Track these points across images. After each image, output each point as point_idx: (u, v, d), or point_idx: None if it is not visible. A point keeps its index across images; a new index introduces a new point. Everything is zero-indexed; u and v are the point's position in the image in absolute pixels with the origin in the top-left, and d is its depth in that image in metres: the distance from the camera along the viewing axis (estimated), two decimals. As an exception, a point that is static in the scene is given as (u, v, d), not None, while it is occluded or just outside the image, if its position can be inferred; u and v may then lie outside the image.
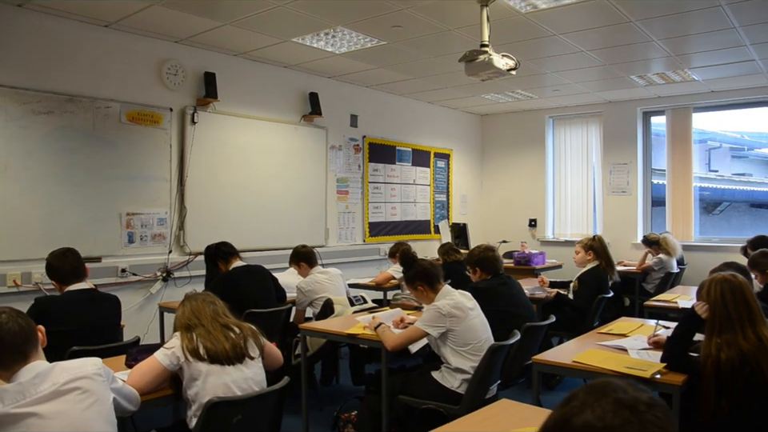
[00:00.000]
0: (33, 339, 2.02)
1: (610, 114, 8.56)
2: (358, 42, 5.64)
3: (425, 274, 3.55)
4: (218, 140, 5.94)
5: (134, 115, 5.34)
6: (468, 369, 3.31)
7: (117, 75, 5.24)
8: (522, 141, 9.41)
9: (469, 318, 3.39)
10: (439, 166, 8.85)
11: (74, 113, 4.97)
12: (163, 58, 5.54)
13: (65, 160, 4.93)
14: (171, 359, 2.50)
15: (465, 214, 9.30)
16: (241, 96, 6.17)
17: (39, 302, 3.38)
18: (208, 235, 5.68)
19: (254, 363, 2.59)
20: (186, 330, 2.57)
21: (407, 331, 3.43)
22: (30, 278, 4.73)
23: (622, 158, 8.46)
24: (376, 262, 7.61)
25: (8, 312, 2.00)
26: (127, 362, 2.88)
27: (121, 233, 5.27)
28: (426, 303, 3.60)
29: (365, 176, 7.64)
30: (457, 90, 7.76)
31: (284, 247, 6.38)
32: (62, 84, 4.91)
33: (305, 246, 5.16)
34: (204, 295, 2.77)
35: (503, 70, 4.55)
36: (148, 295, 5.42)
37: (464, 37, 5.43)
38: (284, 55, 6.13)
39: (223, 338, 2.54)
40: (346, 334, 3.69)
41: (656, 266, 7.07)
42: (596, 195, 8.80)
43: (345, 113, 7.37)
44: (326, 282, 4.88)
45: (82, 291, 3.47)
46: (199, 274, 5.66)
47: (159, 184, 5.53)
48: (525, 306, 4.14)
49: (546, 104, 8.79)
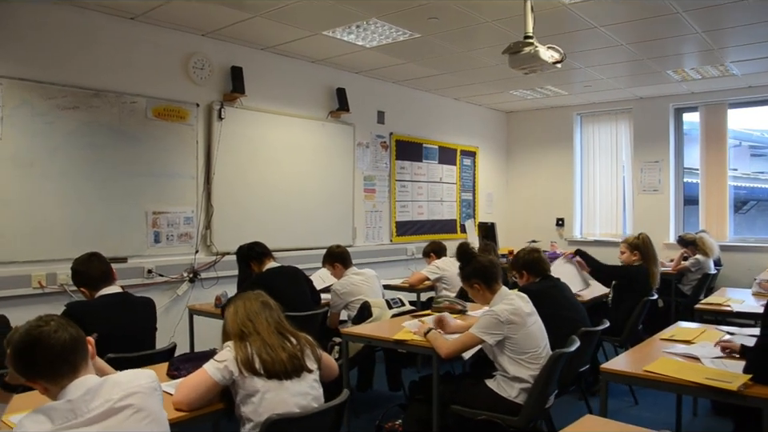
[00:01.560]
0: (82, 350, 1.83)
1: (641, 111, 8.33)
2: (390, 35, 5.45)
3: (483, 271, 3.35)
4: (244, 136, 5.75)
5: (159, 110, 5.16)
6: (527, 378, 3.11)
7: (143, 69, 5.07)
8: (548, 138, 9.19)
9: (527, 324, 3.18)
10: (465, 163, 8.65)
11: (99, 108, 4.80)
12: (190, 51, 5.36)
13: (90, 156, 4.76)
14: (223, 373, 2.28)
15: (490, 212, 9.09)
16: (268, 91, 5.99)
17: (72, 308, 3.18)
18: (235, 235, 5.53)
19: (311, 376, 2.39)
20: (240, 338, 2.35)
21: (462, 338, 3.22)
22: (56, 279, 4.56)
23: (653, 156, 8.22)
24: (403, 263, 7.41)
25: (56, 320, 1.81)
26: (169, 372, 2.70)
27: (147, 232, 5.10)
28: (481, 303, 3.41)
29: (392, 174, 7.45)
30: (485, 85, 7.55)
31: (311, 247, 6.22)
32: (88, 78, 4.74)
33: (339, 246, 4.98)
34: (257, 294, 2.55)
35: (549, 63, 4.34)
36: (174, 297, 5.24)
37: (501, 29, 5.25)
38: (312, 49, 5.95)
39: (280, 349, 2.33)
40: (393, 340, 3.49)
41: (693, 267, 6.83)
42: (626, 194, 8.57)
43: (372, 109, 7.18)
44: (362, 284, 4.69)
45: (115, 295, 3.29)
46: (226, 275, 5.51)
47: (185, 181, 5.35)
48: (577, 309, 3.93)
49: (574, 101, 8.57)
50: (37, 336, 1.75)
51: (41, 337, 1.75)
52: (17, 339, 1.76)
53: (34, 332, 1.76)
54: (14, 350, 1.77)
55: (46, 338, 1.75)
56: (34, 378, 1.77)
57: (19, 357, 1.77)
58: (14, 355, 1.77)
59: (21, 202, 4.40)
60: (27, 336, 1.76)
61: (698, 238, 6.99)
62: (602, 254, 7.89)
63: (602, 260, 5.54)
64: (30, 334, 1.76)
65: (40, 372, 1.76)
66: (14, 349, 1.77)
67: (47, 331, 1.76)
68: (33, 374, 1.77)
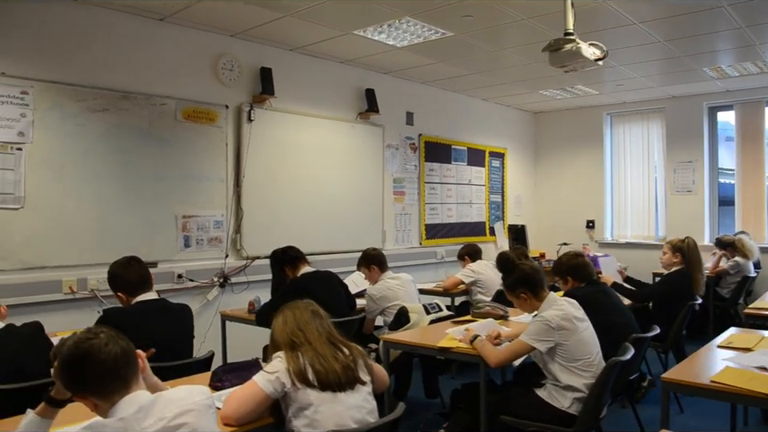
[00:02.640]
0: (134, 364, 1.72)
1: (674, 110, 8.13)
2: (421, 34, 5.33)
3: (528, 279, 3.22)
4: (274, 138, 5.66)
5: (189, 113, 5.08)
6: (580, 387, 2.97)
7: (172, 71, 4.99)
8: (577, 139, 9.01)
9: (579, 330, 3.05)
10: (494, 165, 8.50)
11: (129, 110, 4.73)
12: (219, 52, 5.28)
13: (120, 159, 4.68)
14: (275, 386, 2.17)
15: (519, 215, 8.93)
16: (297, 92, 5.89)
17: (109, 314, 3.05)
18: (265, 239, 5.46)
19: (365, 389, 2.27)
20: (291, 348, 2.24)
21: (512, 345, 3.09)
22: (86, 284, 4.49)
23: (687, 156, 8.02)
24: (432, 266, 7.28)
25: (106, 332, 1.70)
26: (212, 384, 2.59)
27: (177, 236, 5.02)
28: (526, 311, 3.27)
29: (421, 176, 7.32)
30: (515, 85, 7.41)
31: (341, 251, 6.11)
32: (117, 80, 4.67)
33: (375, 249, 4.87)
34: (306, 303, 2.44)
35: (591, 60, 4.20)
36: (205, 302, 5.15)
37: (537, 27, 5.11)
38: (341, 49, 5.84)
39: (333, 360, 2.21)
40: (437, 348, 3.36)
41: (732, 270, 6.65)
42: (658, 195, 8.37)
43: (401, 110, 7.07)
44: (399, 289, 4.57)
45: (153, 302, 3.18)
46: (257, 280, 5.42)
47: (215, 185, 5.26)
48: (626, 314, 3.78)
49: (604, 100, 8.39)
50: (87, 349, 1.65)
51: (91, 350, 1.65)
52: (65, 352, 1.66)
53: (83, 345, 1.65)
54: (63, 364, 1.67)
55: (97, 351, 1.65)
56: (83, 393, 1.67)
57: (68, 371, 1.67)
58: (62, 369, 1.67)
59: (51, 205, 4.33)
60: (76, 349, 1.65)
61: (737, 239, 6.79)
62: (633, 256, 7.83)
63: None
64: (80, 346, 1.65)
65: (90, 387, 1.66)
66: (62, 362, 1.67)
67: (97, 344, 1.65)
68: (82, 390, 1.67)
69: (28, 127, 4.22)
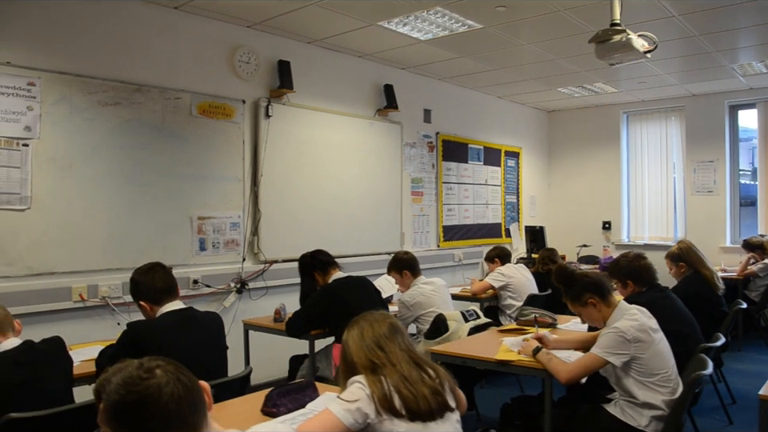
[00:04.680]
0: (201, 405, 1.37)
1: (694, 109, 7.91)
2: (448, 26, 5.06)
3: (595, 285, 2.94)
4: (292, 135, 5.36)
5: (205, 107, 4.77)
6: (659, 404, 2.70)
7: (186, 63, 4.69)
8: (592, 138, 8.78)
9: (655, 342, 2.78)
10: (509, 165, 8.24)
11: (142, 104, 4.41)
12: (235, 44, 4.98)
13: (132, 157, 4.37)
14: (356, 416, 1.83)
15: (534, 216, 8.68)
16: (315, 87, 5.60)
17: (135, 329, 2.72)
18: (283, 241, 5.19)
19: (453, 416, 1.95)
20: (371, 371, 1.92)
21: (584, 360, 2.81)
22: (97, 291, 4.17)
23: (707, 156, 7.81)
24: (449, 269, 7.01)
25: (163, 367, 1.33)
26: (265, 410, 2.29)
27: (192, 239, 4.70)
28: (596, 322, 2.99)
29: (438, 176, 7.05)
30: (535, 82, 7.16)
31: (360, 254, 5.83)
32: (130, 72, 4.36)
33: (407, 252, 4.57)
34: (383, 315, 2.11)
35: (640, 52, 3.95)
36: (221, 309, 4.83)
37: (572, 19, 4.89)
38: (361, 42, 5.55)
39: (421, 384, 1.90)
40: (495, 361, 3.08)
41: (761, 272, 6.44)
42: (676, 195, 8.15)
43: (418, 107, 6.79)
44: (433, 295, 4.29)
45: (181, 312, 2.85)
46: (275, 285, 5.13)
47: (232, 184, 4.96)
48: (691, 323, 3.51)
49: (621, 98, 8.16)
50: (144, 393, 1.28)
51: (149, 394, 1.28)
52: (115, 398, 1.28)
53: (138, 387, 1.28)
54: (112, 412, 1.29)
55: (156, 395, 1.28)
56: None
57: (120, 421, 1.29)
58: (112, 418, 1.29)
59: (59, 206, 4.01)
60: (129, 393, 1.28)
61: (766, 241, 6.58)
62: (651, 258, 7.53)
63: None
64: (132, 390, 1.28)
65: None
66: (111, 410, 1.29)
67: (155, 385, 1.28)
68: None
69: (35, 121, 3.89)
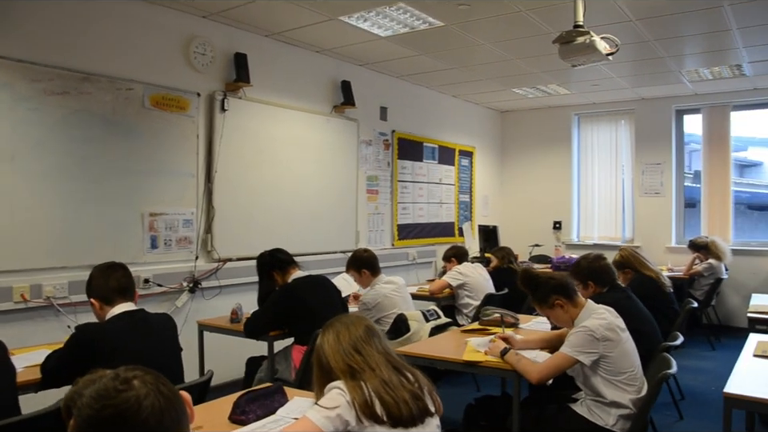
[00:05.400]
0: (184, 417, 1.23)
1: (643, 112, 8.11)
2: (410, 23, 5.01)
3: (561, 286, 2.94)
4: (248, 130, 5.21)
5: (158, 99, 4.58)
6: (626, 403, 2.72)
7: (139, 52, 4.48)
8: (544, 139, 8.89)
9: (622, 341, 2.80)
10: (463, 164, 8.25)
11: (91, 94, 4.19)
12: (191, 34, 4.80)
13: (80, 150, 4.14)
14: (336, 424, 1.74)
15: (486, 215, 8.73)
16: (272, 82, 5.46)
17: (85, 331, 2.53)
18: (237, 239, 5.06)
19: (433, 421, 1.89)
20: (351, 376, 1.83)
21: (554, 360, 2.80)
22: (41, 291, 3.94)
23: (655, 158, 8.02)
24: (404, 268, 6.96)
25: (140, 377, 1.16)
26: (234, 417, 2.17)
27: (143, 236, 4.51)
28: (564, 323, 2.99)
29: (394, 174, 6.99)
30: (490, 82, 7.18)
31: (316, 252, 5.72)
32: (78, 59, 4.13)
33: (367, 250, 4.48)
34: (358, 318, 2.01)
35: (603, 54, 3.99)
36: (173, 309, 4.65)
37: (533, 20, 4.92)
38: (320, 37, 5.45)
39: (401, 388, 1.82)
40: (462, 362, 3.04)
41: (706, 272, 6.65)
42: (625, 196, 8.33)
43: (375, 105, 6.71)
44: (395, 296, 4.24)
45: (132, 314, 2.67)
46: (229, 284, 4.98)
47: (185, 180, 4.78)
48: (652, 323, 3.57)
49: (573, 100, 8.29)
50: (121, 407, 1.13)
51: (127, 407, 1.13)
52: (88, 412, 1.13)
53: (114, 401, 1.13)
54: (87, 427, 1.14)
55: (135, 408, 1.13)
56: None
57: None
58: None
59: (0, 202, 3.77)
60: (105, 408, 1.13)
61: (710, 242, 6.80)
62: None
63: None
64: (110, 404, 1.13)
65: None
66: (85, 425, 1.13)
67: (134, 398, 1.13)
68: None
69: (-26, 111, 3.65)
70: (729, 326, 7.23)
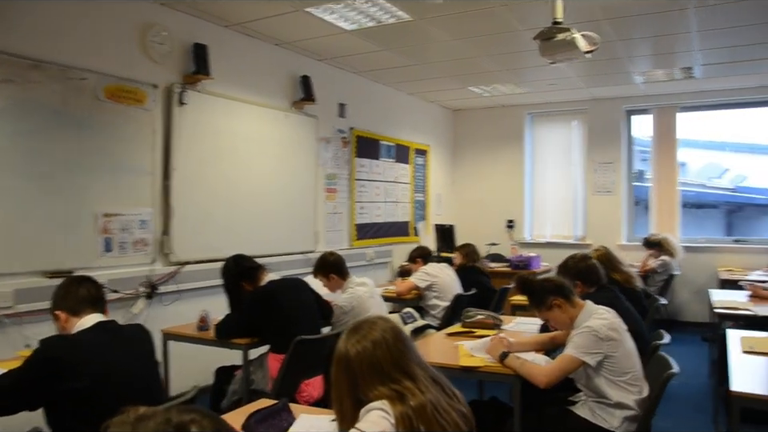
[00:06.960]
0: None
1: (595, 112, 8.23)
2: (377, 17, 4.86)
3: (557, 287, 2.89)
4: (207, 125, 4.93)
5: (113, 91, 4.25)
6: (631, 404, 2.66)
7: (93, 39, 4.15)
8: (496, 138, 8.90)
9: (625, 341, 2.75)
10: (418, 162, 8.15)
11: (39, 83, 3.83)
12: (147, 22, 4.49)
13: (26, 144, 3.78)
14: None
15: (440, 214, 8.65)
16: (231, 75, 5.18)
17: (51, 346, 2.18)
18: (196, 241, 4.82)
19: None
20: (397, 397, 1.59)
21: (560, 362, 2.72)
22: (-16, 300, 3.56)
23: (607, 157, 8.16)
24: (362, 269, 6.77)
25: (199, 421, 0.98)
26: (244, 439, 1.96)
27: (96, 239, 4.17)
28: (563, 325, 2.91)
29: (352, 172, 6.81)
30: (447, 80, 7.10)
31: (275, 254, 5.48)
32: (26, 45, 3.76)
33: (333, 253, 4.26)
34: (386, 321, 1.76)
35: (582, 52, 3.96)
36: (130, 316, 4.33)
37: (505, 16, 4.84)
38: (282, 29, 5.22)
39: (451, 409, 1.63)
40: (460, 367, 2.91)
41: (660, 269, 6.80)
42: (577, 195, 8.44)
43: (333, 101, 6.51)
44: (369, 298, 4.07)
45: (106, 324, 2.37)
46: (188, 288, 4.71)
47: (141, 178, 4.47)
48: (640, 322, 3.54)
49: (526, 100, 8.32)
50: None
51: None
52: None
53: None
54: None
55: None
56: None
57: None
58: None
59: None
60: None
61: (663, 239, 6.97)
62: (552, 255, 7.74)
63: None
64: None
65: None
66: None
67: None
68: None
69: None
70: (677, 321, 7.41)
